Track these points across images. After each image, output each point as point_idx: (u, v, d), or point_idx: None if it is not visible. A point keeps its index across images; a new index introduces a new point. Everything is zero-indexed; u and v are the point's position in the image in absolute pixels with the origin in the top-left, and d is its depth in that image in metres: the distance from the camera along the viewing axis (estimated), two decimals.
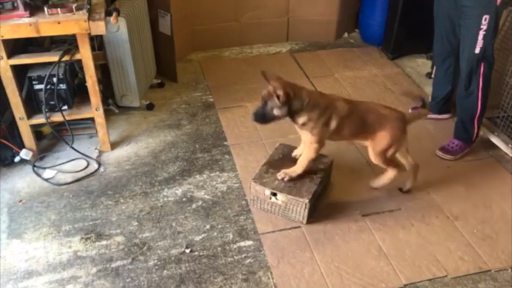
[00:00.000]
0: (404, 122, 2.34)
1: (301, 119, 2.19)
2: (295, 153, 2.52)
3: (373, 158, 2.38)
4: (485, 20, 2.52)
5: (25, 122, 2.61)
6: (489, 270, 2.15)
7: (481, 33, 2.55)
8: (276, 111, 2.13)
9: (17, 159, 2.66)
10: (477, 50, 2.59)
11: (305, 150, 2.32)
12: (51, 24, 2.30)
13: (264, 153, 2.75)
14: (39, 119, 2.65)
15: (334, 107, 2.22)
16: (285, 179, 2.33)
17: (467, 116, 2.81)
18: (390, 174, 2.45)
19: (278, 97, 2.08)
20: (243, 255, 2.20)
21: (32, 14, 2.32)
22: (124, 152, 2.85)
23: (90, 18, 2.36)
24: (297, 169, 2.34)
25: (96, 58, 2.70)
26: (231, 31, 4.10)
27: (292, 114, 2.17)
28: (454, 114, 3.02)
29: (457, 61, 2.83)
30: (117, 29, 2.83)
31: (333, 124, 2.22)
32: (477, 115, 2.78)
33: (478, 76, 2.67)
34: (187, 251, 2.21)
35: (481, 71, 2.65)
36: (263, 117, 2.17)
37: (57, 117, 2.66)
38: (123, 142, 2.93)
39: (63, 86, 2.62)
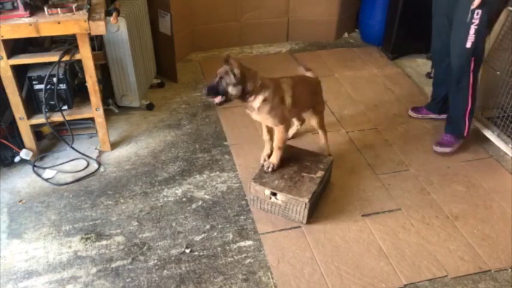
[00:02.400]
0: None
1: (257, 102, 2.26)
2: (263, 158, 2.60)
3: (319, 123, 2.65)
4: (477, 15, 2.52)
5: (25, 122, 2.61)
6: (489, 270, 2.15)
7: (473, 28, 2.55)
8: (230, 89, 2.19)
9: (17, 159, 2.66)
10: (468, 45, 2.59)
11: (276, 133, 2.39)
12: (51, 24, 2.30)
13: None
14: (39, 119, 2.65)
15: (283, 83, 2.35)
16: (274, 168, 2.40)
17: (459, 112, 2.83)
18: (326, 134, 2.73)
19: (234, 74, 2.17)
20: (243, 255, 2.20)
21: (32, 14, 2.32)
22: (124, 152, 2.85)
23: (90, 18, 2.36)
24: (276, 155, 2.41)
25: (96, 58, 2.70)
26: (231, 31, 4.10)
27: (245, 96, 2.24)
28: None
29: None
30: (117, 29, 2.83)
31: (288, 99, 2.34)
32: (468, 110, 2.81)
33: (468, 71, 2.68)
34: (187, 251, 2.21)
35: (471, 66, 2.66)
36: (215, 91, 2.22)
37: (57, 117, 2.66)
38: (123, 142, 2.93)
39: (63, 86, 2.62)
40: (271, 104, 2.28)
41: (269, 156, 2.50)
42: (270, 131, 2.52)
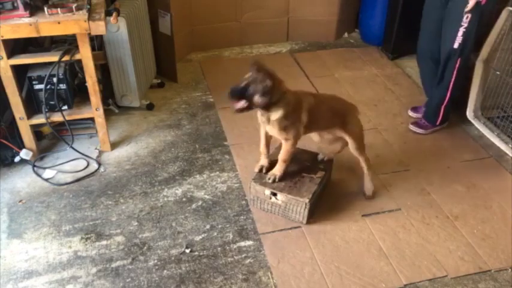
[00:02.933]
0: (357, 112, 2.46)
1: (275, 115, 2.15)
2: (258, 168, 2.44)
3: (356, 146, 2.41)
4: (466, 18, 2.59)
5: (25, 122, 2.61)
6: (489, 270, 2.15)
7: (461, 30, 2.64)
8: (256, 97, 2.06)
9: (17, 159, 2.66)
10: (455, 45, 2.70)
11: (283, 147, 2.30)
12: (51, 24, 2.30)
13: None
14: (39, 119, 2.65)
15: (304, 101, 2.24)
16: (276, 179, 2.34)
17: (436, 103, 2.98)
18: (369, 170, 2.51)
19: (266, 84, 2.04)
20: (243, 255, 2.20)
21: (32, 14, 2.32)
22: (124, 152, 2.85)
23: (90, 18, 2.36)
24: (280, 168, 2.34)
25: (96, 58, 2.70)
26: (231, 31, 4.10)
27: (267, 107, 2.14)
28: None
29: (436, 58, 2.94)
30: (117, 29, 2.83)
31: (304, 118, 2.23)
32: (444, 103, 2.94)
33: (452, 69, 2.80)
34: (187, 251, 2.21)
35: (456, 65, 2.77)
36: (240, 95, 2.08)
37: (57, 117, 2.66)
38: (123, 142, 2.93)
39: (63, 86, 2.62)
40: (288, 120, 2.18)
41: (268, 169, 2.40)
42: (268, 145, 2.41)
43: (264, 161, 2.44)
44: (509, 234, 2.33)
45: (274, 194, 2.32)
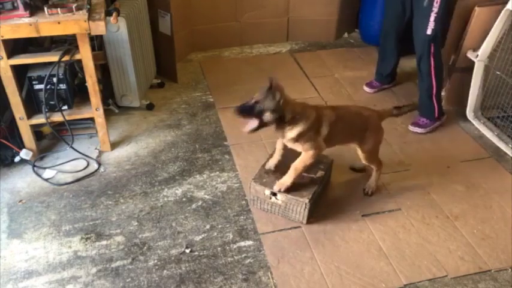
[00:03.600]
0: (380, 120, 2.45)
1: (293, 133, 2.13)
2: (269, 165, 2.42)
3: (366, 159, 2.44)
4: (436, 3, 2.74)
5: (25, 122, 2.61)
6: (489, 270, 2.15)
7: (433, 16, 2.78)
8: (267, 115, 2.05)
9: (17, 159, 2.66)
10: (429, 31, 2.83)
11: (301, 156, 2.25)
12: (51, 24, 2.30)
13: (264, 153, 2.74)
14: (39, 119, 2.65)
15: (324, 116, 2.21)
16: (282, 190, 2.28)
17: (426, 95, 3.04)
18: (378, 172, 2.52)
19: (276, 100, 2.03)
20: (243, 255, 2.20)
21: (32, 14, 2.32)
22: (124, 152, 2.85)
23: (90, 18, 2.36)
24: (290, 176, 2.26)
25: (96, 58, 2.70)
26: (231, 31, 4.10)
27: (281, 125, 2.12)
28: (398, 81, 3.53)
29: (397, 37, 3.23)
30: (117, 29, 2.83)
31: (324, 131, 2.20)
32: (434, 92, 3.00)
33: (429, 56, 2.90)
34: (187, 251, 2.21)
35: (431, 50, 2.89)
36: (249, 112, 2.06)
37: (57, 117, 2.66)
38: (123, 142, 2.93)
39: (63, 86, 2.62)
40: (306, 136, 2.15)
41: (275, 165, 2.38)
42: (285, 147, 2.34)
43: (275, 158, 2.40)
44: (509, 234, 2.33)
45: (274, 194, 2.32)
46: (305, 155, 2.23)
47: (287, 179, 2.27)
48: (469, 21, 2.92)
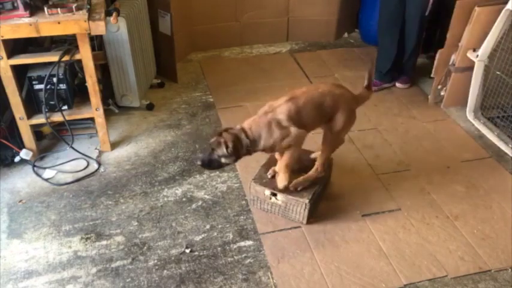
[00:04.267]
0: (356, 103, 2.32)
1: (258, 148, 2.16)
2: (272, 172, 2.39)
3: (330, 143, 2.31)
4: None
5: (25, 122, 2.61)
6: (489, 270, 2.15)
7: None
8: (224, 160, 2.13)
9: (17, 159, 2.66)
10: (427, 13, 3.09)
11: (285, 154, 2.21)
12: (51, 24, 2.30)
13: (264, 154, 2.74)
14: (39, 119, 2.65)
15: (276, 115, 2.13)
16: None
17: (411, 63, 3.46)
18: (316, 172, 2.37)
19: (227, 147, 2.08)
20: (243, 255, 2.20)
21: (32, 14, 2.32)
22: (124, 152, 2.85)
23: (90, 18, 2.36)
24: (285, 175, 2.24)
25: (96, 58, 2.70)
26: (231, 31, 4.10)
27: (243, 155, 2.16)
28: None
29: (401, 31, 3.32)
30: (117, 29, 2.83)
31: (285, 123, 2.13)
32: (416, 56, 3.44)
33: (421, 35, 3.25)
34: (187, 251, 2.21)
35: (423, 29, 3.23)
36: (210, 164, 2.17)
37: (57, 117, 2.66)
38: (123, 142, 2.93)
39: (63, 86, 2.62)
40: (272, 141, 2.14)
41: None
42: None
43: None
44: (509, 234, 2.33)
45: (274, 194, 2.32)
46: (288, 153, 2.20)
47: (282, 178, 2.24)
48: (469, 21, 2.92)
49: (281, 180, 2.25)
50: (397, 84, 3.54)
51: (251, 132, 2.14)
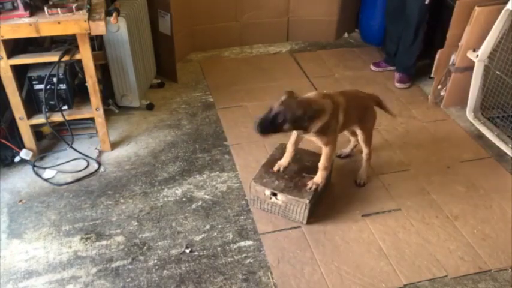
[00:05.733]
0: (372, 101, 2.58)
1: (314, 127, 2.13)
2: (277, 167, 2.41)
3: (365, 140, 2.54)
4: None
5: (25, 122, 2.61)
6: (489, 270, 2.15)
7: None
8: (287, 125, 2.04)
9: (17, 159, 2.66)
10: (427, 1, 3.15)
11: (324, 152, 2.28)
12: (51, 24, 2.30)
13: (264, 153, 2.74)
14: (39, 119, 2.65)
15: (339, 104, 2.25)
16: (319, 188, 2.31)
17: (413, 58, 3.47)
18: (368, 160, 2.61)
19: (305, 111, 2.02)
20: (243, 255, 2.20)
21: (32, 14, 2.32)
22: (124, 152, 2.85)
23: (90, 18, 2.36)
24: (322, 175, 2.31)
25: (96, 58, 2.70)
26: (231, 31, 4.10)
27: (301, 127, 2.11)
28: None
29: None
30: (117, 29, 2.83)
31: (341, 119, 2.26)
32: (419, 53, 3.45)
33: (424, 26, 3.27)
34: (187, 251, 2.21)
35: (426, 20, 3.26)
36: (270, 127, 2.04)
37: (57, 117, 2.66)
38: (123, 142, 2.93)
39: (63, 86, 2.62)
40: (329, 127, 2.18)
41: (285, 168, 2.39)
42: (297, 143, 2.37)
43: (285, 160, 2.40)
44: (509, 234, 2.33)
45: (275, 194, 2.32)
46: (326, 150, 2.27)
47: (319, 179, 2.31)
48: (469, 21, 2.92)
49: (319, 178, 2.32)
50: (396, 84, 3.56)
51: (318, 105, 2.13)
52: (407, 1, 3.27)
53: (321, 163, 2.30)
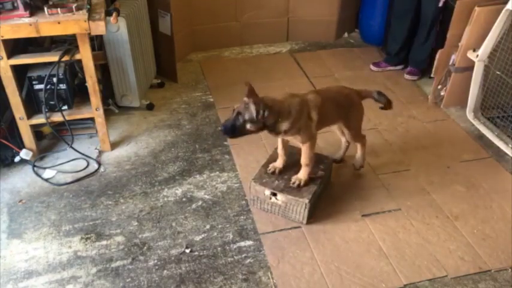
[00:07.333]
0: (360, 98, 2.50)
1: (284, 126, 2.15)
2: (272, 169, 2.42)
3: (353, 136, 2.53)
4: None
5: (25, 122, 2.61)
6: (489, 270, 2.15)
7: None
8: (249, 125, 2.07)
9: (17, 159, 2.66)
10: (441, 4, 3.24)
11: (303, 150, 2.30)
12: (51, 24, 2.30)
13: (264, 153, 2.74)
14: (39, 119, 2.65)
15: (310, 101, 2.24)
16: (301, 184, 2.31)
17: (425, 56, 3.53)
18: (363, 147, 2.62)
19: (258, 110, 2.03)
20: (243, 255, 2.20)
21: (32, 14, 2.32)
22: (124, 152, 2.85)
23: (90, 18, 2.36)
24: (304, 172, 2.32)
25: (96, 58, 2.70)
26: (231, 31, 4.10)
27: (267, 127, 2.13)
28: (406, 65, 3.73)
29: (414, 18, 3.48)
30: (117, 29, 2.83)
31: (315, 116, 2.23)
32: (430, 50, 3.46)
33: (437, 27, 3.35)
34: (187, 251, 2.21)
35: (439, 20, 3.35)
36: (233, 130, 2.10)
37: (57, 117, 2.66)
38: (123, 142, 2.93)
39: (63, 86, 2.62)
40: (299, 124, 2.18)
41: (280, 172, 2.40)
42: (285, 147, 2.39)
43: (279, 163, 2.42)
44: (509, 234, 2.33)
45: (274, 194, 2.32)
46: (305, 148, 2.28)
47: (302, 175, 2.33)
48: (469, 21, 2.92)
49: (301, 174, 2.33)
50: (406, 76, 3.65)
51: (282, 105, 2.14)
52: (423, 3, 3.36)
53: (302, 161, 2.32)
